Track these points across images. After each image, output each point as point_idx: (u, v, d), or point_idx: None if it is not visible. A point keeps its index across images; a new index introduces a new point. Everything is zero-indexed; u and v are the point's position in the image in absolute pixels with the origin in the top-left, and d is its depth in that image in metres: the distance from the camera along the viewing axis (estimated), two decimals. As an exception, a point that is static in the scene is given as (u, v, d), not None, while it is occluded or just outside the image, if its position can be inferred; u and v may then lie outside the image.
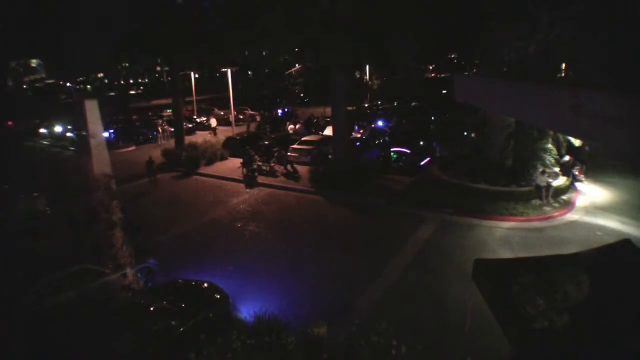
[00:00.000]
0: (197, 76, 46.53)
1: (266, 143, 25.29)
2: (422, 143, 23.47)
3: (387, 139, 25.63)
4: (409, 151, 21.56)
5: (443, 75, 61.83)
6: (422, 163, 20.98)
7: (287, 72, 61.44)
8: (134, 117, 43.73)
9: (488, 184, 16.19)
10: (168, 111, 42.19)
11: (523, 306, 4.99)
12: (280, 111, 42.13)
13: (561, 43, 15.11)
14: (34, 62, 73.27)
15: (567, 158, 17.29)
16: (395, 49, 19.08)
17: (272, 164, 21.21)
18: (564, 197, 15.65)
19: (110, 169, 9.12)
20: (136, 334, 7.40)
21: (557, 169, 16.57)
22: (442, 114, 31.17)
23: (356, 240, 13.38)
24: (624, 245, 6.07)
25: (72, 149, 31.39)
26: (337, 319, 8.77)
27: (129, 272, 9.28)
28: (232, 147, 25.68)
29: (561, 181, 16.20)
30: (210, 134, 32.41)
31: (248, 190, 19.19)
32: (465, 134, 20.93)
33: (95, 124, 8.77)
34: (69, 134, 33.59)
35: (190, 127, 35.80)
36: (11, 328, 7.41)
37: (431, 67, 74.25)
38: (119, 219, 9.18)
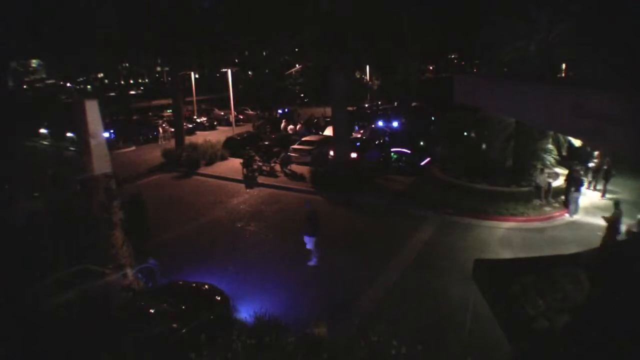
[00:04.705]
0: (197, 76, 46.48)
1: (266, 143, 25.29)
2: (422, 143, 23.46)
3: (387, 139, 25.63)
4: (409, 151, 21.56)
5: (443, 75, 61.78)
6: (422, 163, 20.98)
7: (287, 72, 61.39)
8: (134, 117, 43.73)
9: (488, 184, 16.19)
10: (168, 111, 42.18)
11: (523, 306, 4.99)
12: (280, 111, 42.15)
13: (561, 43, 15.13)
14: (34, 62, 73.16)
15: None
16: (396, 48, 19.07)
17: (273, 164, 21.22)
18: (564, 197, 15.64)
19: (111, 169, 9.12)
20: (136, 335, 7.39)
21: (557, 169, 16.56)
22: (442, 114, 31.18)
23: (356, 240, 13.38)
24: (624, 245, 6.07)
25: (72, 148, 31.37)
26: (337, 319, 8.77)
27: (129, 272, 9.27)
28: (232, 147, 25.68)
29: (560, 181, 16.21)
30: None
31: (248, 190, 19.18)
32: (465, 134, 20.93)
33: (95, 124, 8.76)
34: (69, 134, 33.56)
35: (190, 127, 35.81)
36: (11, 328, 7.41)
37: (431, 67, 74.20)
38: (119, 219, 9.18)
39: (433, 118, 32.22)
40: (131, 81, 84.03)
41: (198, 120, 39.47)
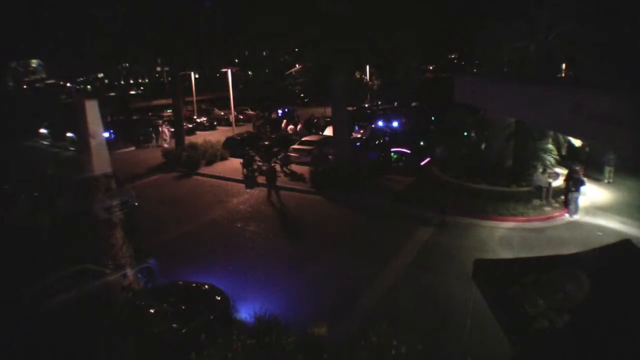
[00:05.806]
0: (197, 76, 46.47)
1: (266, 143, 25.28)
2: (422, 143, 23.47)
3: (387, 138, 25.63)
4: (409, 151, 21.56)
5: (443, 75, 61.83)
6: (422, 163, 20.97)
7: (287, 72, 61.50)
8: (134, 117, 43.69)
9: (488, 184, 16.19)
10: (168, 111, 42.14)
11: (523, 306, 4.99)
12: (280, 111, 42.10)
13: (561, 43, 15.15)
14: (34, 62, 73.18)
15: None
16: (395, 49, 19.07)
17: (273, 164, 21.21)
18: (564, 197, 15.64)
19: (110, 169, 9.12)
20: (137, 336, 7.38)
21: (557, 169, 16.54)
22: (442, 114, 31.18)
23: (356, 240, 13.38)
24: (624, 245, 6.07)
25: (72, 148, 31.36)
26: (337, 319, 8.78)
27: (129, 272, 9.27)
28: (232, 147, 25.67)
29: (560, 181, 16.21)
30: None
31: (248, 190, 19.18)
32: (465, 134, 20.93)
33: (95, 124, 8.75)
34: (69, 134, 33.55)
35: (190, 127, 35.82)
36: (11, 328, 7.41)
37: (431, 67, 74.25)
38: (119, 219, 9.17)
39: (433, 118, 32.21)
40: (131, 81, 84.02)
41: (198, 120, 39.45)
